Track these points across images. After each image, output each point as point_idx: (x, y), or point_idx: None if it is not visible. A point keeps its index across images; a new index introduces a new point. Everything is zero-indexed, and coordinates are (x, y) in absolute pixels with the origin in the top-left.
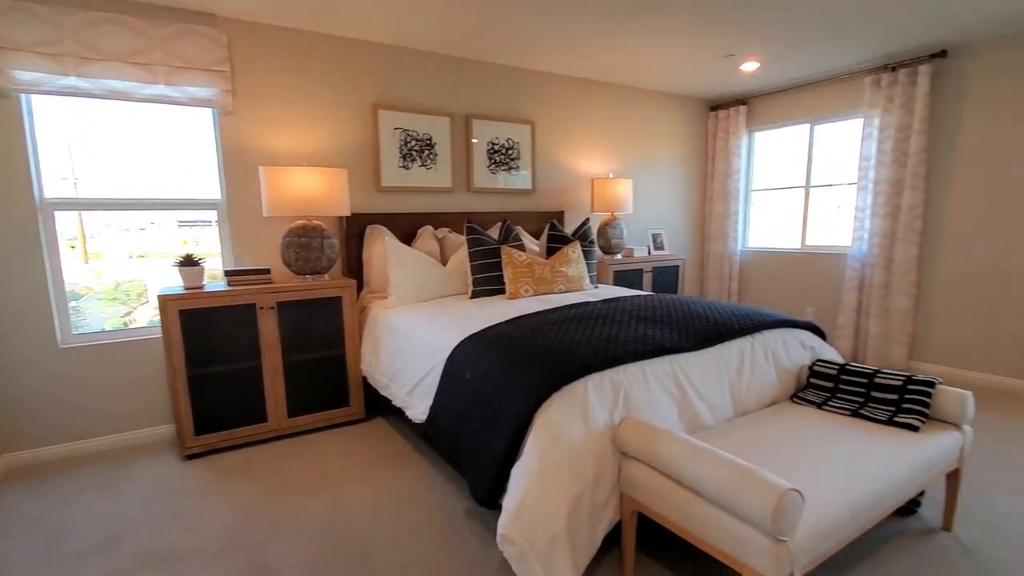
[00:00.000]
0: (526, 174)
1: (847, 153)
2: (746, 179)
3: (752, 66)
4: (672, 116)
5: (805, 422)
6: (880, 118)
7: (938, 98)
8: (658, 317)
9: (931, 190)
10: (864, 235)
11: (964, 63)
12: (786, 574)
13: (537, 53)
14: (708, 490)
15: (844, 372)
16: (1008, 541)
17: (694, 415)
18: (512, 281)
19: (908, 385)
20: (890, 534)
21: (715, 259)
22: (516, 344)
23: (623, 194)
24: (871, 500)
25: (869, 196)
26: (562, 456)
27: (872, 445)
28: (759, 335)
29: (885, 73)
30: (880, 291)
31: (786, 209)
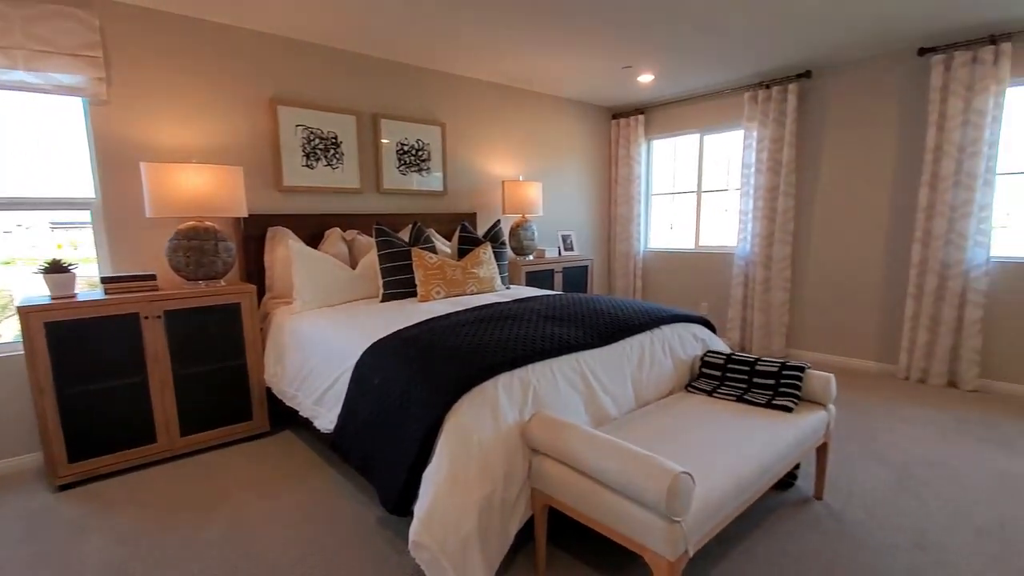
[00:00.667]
0: (437, 176)
1: (732, 161)
2: (646, 184)
3: (648, 78)
4: (578, 122)
5: (697, 409)
6: (758, 130)
7: (804, 113)
8: (565, 316)
9: (800, 196)
10: (747, 236)
11: (825, 83)
12: (681, 551)
13: (446, 55)
14: (610, 479)
15: (730, 361)
16: (867, 505)
17: (600, 408)
18: (423, 283)
19: (783, 371)
20: (772, 506)
21: (621, 259)
22: (426, 347)
23: (533, 196)
24: (754, 475)
25: (751, 201)
26: (473, 456)
27: (754, 426)
28: (657, 330)
29: (761, 90)
30: (761, 286)
31: (682, 212)
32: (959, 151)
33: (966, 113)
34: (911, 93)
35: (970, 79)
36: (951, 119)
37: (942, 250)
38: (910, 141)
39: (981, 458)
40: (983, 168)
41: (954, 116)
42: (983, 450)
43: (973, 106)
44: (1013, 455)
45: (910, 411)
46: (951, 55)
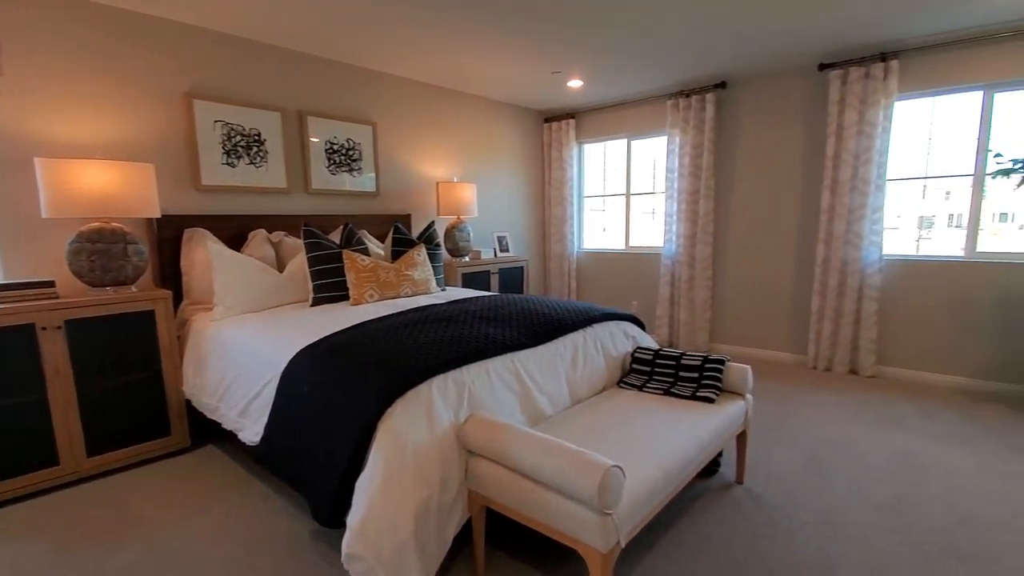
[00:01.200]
0: (370, 176)
1: (658, 165)
2: (578, 186)
3: (577, 84)
4: (511, 125)
5: (628, 404)
6: (680, 136)
7: (721, 121)
8: (501, 316)
9: (719, 199)
10: (672, 237)
11: (738, 93)
12: (613, 543)
13: (376, 53)
14: (545, 477)
15: (658, 357)
16: (782, 487)
17: (535, 407)
18: (355, 286)
19: (705, 364)
20: (698, 492)
21: (556, 259)
22: (358, 351)
23: (468, 198)
24: (680, 465)
25: (675, 203)
26: (407, 461)
27: (680, 418)
28: (590, 328)
29: (682, 99)
30: (686, 285)
31: (612, 214)
32: (855, 159)
33: (860, 124)
34: (813, 105)
35: (863, 93)
36: (847, 129)
37: (842, 249)
38: (813, 149)
39: (879, 438)
40: (875, 174)
41: (850, 126)
42: (881, 431)
43: (866, 118)
44: (906, 434)
45: (818, 397)
46: (847, 71)
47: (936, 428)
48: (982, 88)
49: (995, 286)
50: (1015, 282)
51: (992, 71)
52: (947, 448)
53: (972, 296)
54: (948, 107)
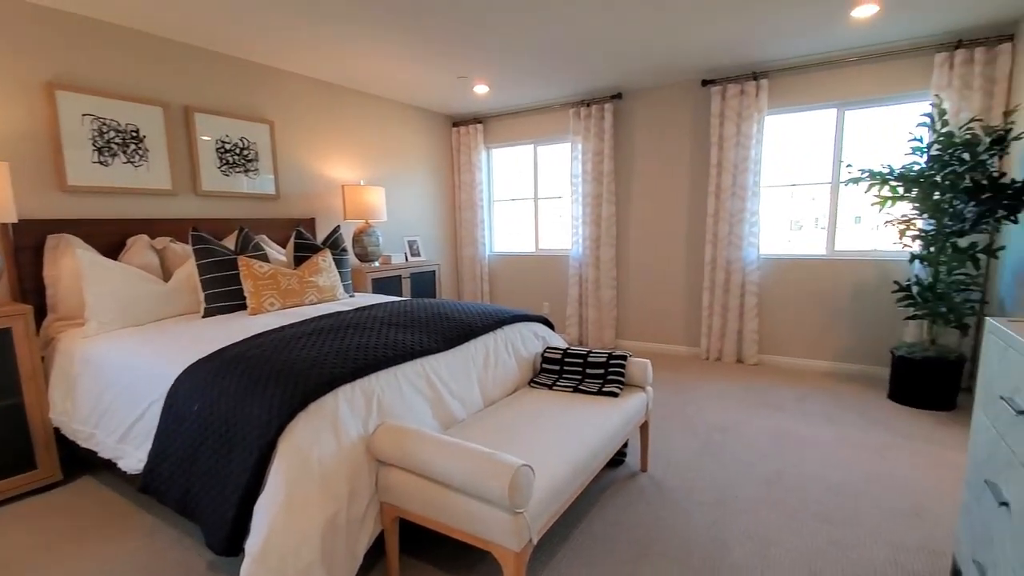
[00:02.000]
0: (268, 178)
1: (563, 171)
2: (488, 191)
3: (483, 89)
4: (420, 128)
5: (539, 403)
6: (582, 143)
7: (619, 130)
8: (410, 322)
9: (620, 203)
10: (579, 239)
11: (633, 104)
12: (526, 541)
13: (271, 49)
14: (456, 481)
15: (567, 356)
16: (681, 471)
17: (447, 412)
18: (254, 295)
19: (610, 361)
20: (607, 483)
21: (468, 263)
22: (256, 364)
23: (376, 201)
24: (588, 459)
25: (580, 207)
26: (313, 477)
27: (587, 414)
28: (501, 331)
29: (583, 107)
30: (593, 285)
31: (522, 217)
32: (734, 167)
33: (738, 136)
34: (698, 117)
35: (740, 108)
36: (727, 140)
37: (726, 249)
38: (699, 158)
39: (763, 421)
40: (751, 182)
41: (730, 138)
42: (764, 414)
43: (743, 130)
44: (785, 416)
45: (711, 386)
46: (725, 87)
47: (808, 409)
48: (836, 106)
49: (851, 280)
50: (866, 276)
51: (843, 91)
52: (817, 426)
53: (833, 289)
54: (809, 122)
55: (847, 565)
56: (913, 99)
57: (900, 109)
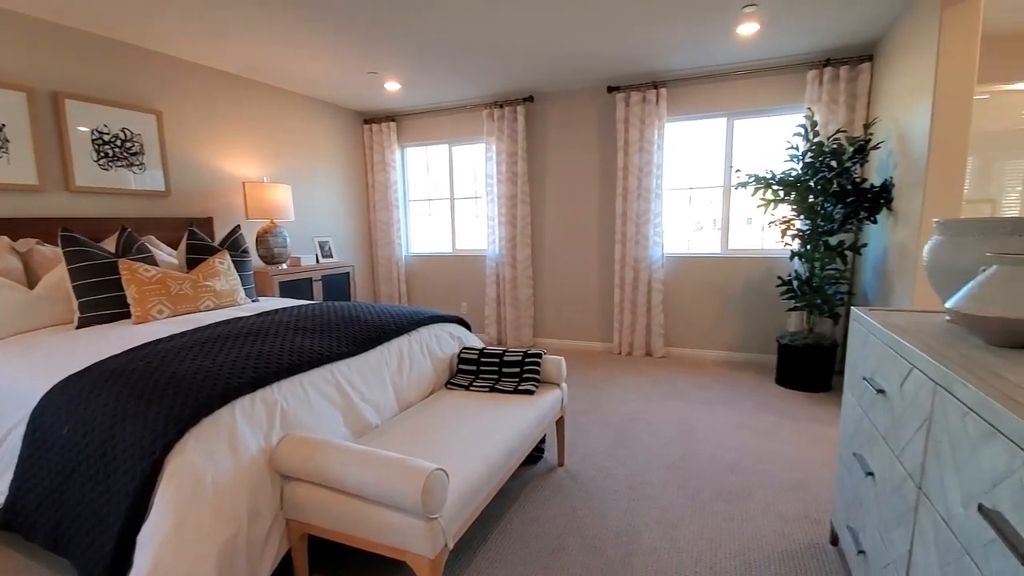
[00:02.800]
0: (156, 173)
1: (478, 171)
2: (403, 190)
3: (395, 86)
4: (330, 125)
5: (455, 404)
6: (496, 144)
7: (531, 132)
8: (318, 326)
9: (534, 203)
10: (495, 239)
11: (544, 107)
12: (441, 546)
13: (157, 32)
14: (367, 491)
15: (483, 355)
16: (596, 463)
17: (360, 418)
18: (139, 302)
19: (525, 359)
20: (525, 479)
21: (384, 264)
22: (139, 377)
23: (282, 200)
24: (503, 458)
25: (496, 207)
26: (206, 500)
27: (503, 413)
28: (415, 332)
29: (496, 108)
30: (510, 285)
31: (439, 218)
32: (639, 171)
33: (641, 141)
34: (606, 122)
35: (642, 114)
36: (632, 145)
37: (634, 249)
38: (607, 161)
39: (668, 410)
40: (655, 184)
41: (634, 143)
42: (669, 403)
43: (645, 136)
44: (687, 404)
45: (623, 379)
46: (629, 94)
47: (708, 396)
48: (726, 115)
49: (742, 276)
50: (755, 272)
51: (732, 102)
52: (716, 412)
53: (727, 285)
54: (704, 130)
55: (742, 538)
56: (791, 111)
57: (781, 119)
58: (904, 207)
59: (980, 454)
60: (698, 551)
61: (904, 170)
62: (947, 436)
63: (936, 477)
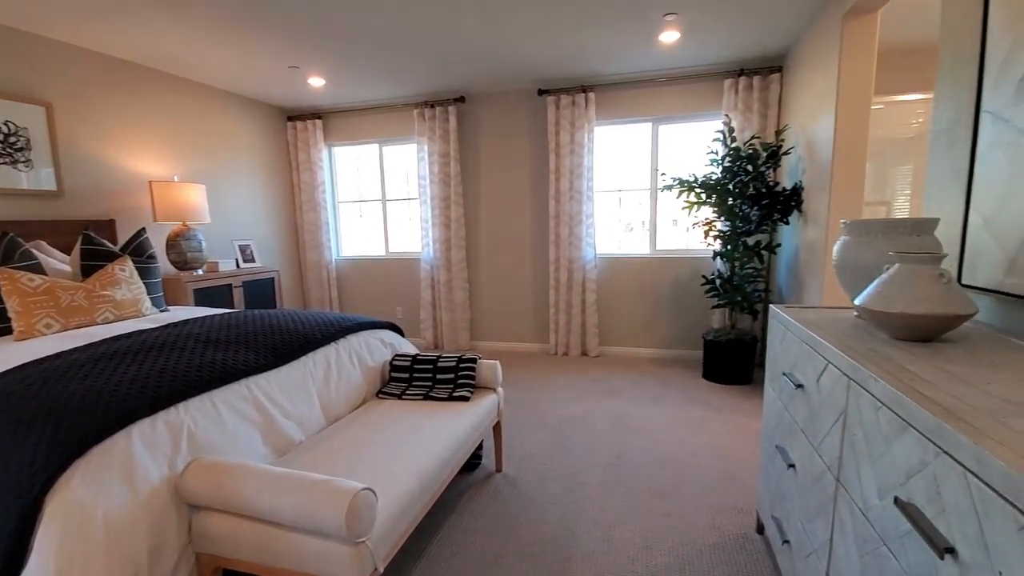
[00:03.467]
0: (47, 171)
1: (411, 172)
2: (332, 191)
3: (319, 82)
4: (249, 121)
5: (388, 414)
6: (428, 145)
7: (464, 132)
8: (234, 337)
9: (468, 205)
10: (429, 242)
11: (476, 108)
12: (370, 571)
13: (40, 13)
14: (286, 517)
15: (416, 362)
16: (535, 467)
17: (282, 436)
18: (23, 315)
19: (460, 365)
20: (463, 488)
21: (313, 268)
22: (17, 402)
23: (195, 201)
24: (437, 469)
25: (429, 209)
26: (95, 540)
27: (438, 421)
28: (343, 340)
29: (427, 108)
30: (445, 288)
31: (371, 220)
32: (571, 173)
33: (572, 144)
34: (537, 124)
35: (572, 117)
36: (563, 148)
37: (567, 250)
38: (539, 163)
39: (604, 408)
40: (586, 187)
41: (565, 146)
42: (604, 401)
43: (576, 139)
44: (621, 401)
45: (560, 380)
46: (559, 97)
47: (640, 393)
48: (651, 121)
49: (670, 275)
50: (681, 272)
51: (657, 108)
52: (648, 408)
53: (656, 284)
54: (631, 134)
55: (675, 534)
56: (711, 117)
57: (702, 125)
58: (813, 209)
59: (893, 447)
60: (635, 550)
61: (812, 174)
62: (861, 430)
63: (852, 469)
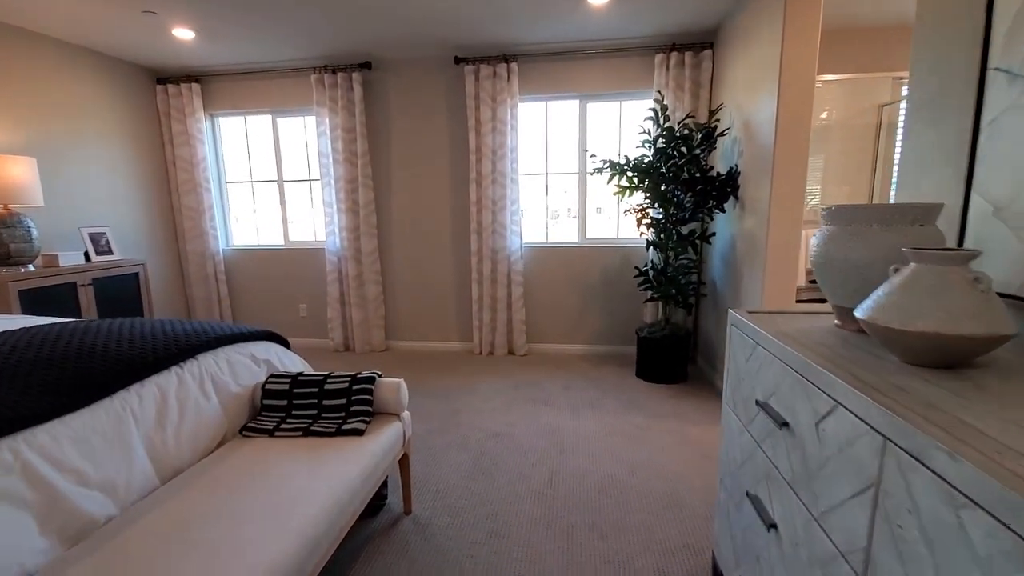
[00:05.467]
0: None
1: (312, 149)
2: (217, 169)
3: (187, 34)
4: (104, 83)
5: (252, 460)
6: (329, 117)
7: (371, 104)
8: (8, 369)
9: (379, 188)
10: (335, 229)
11: (385, 76)
12: None
13: None
14: None
15: (297, 384)
16: (452, 502)
17: (74, 515)
18: None
19: (353, 387)
20: (364, 538)
21: (196, 261)
22: None
23: (23, 178)
24: (325, 525)
25: (333, 192)
26: None
27: (324, 463)
28: (192, 362)
29: (327, 74)
30: (355, 281)
31: (267, 204)
32: (493, 153)
33: (494, 121)
34: (455, 98)
35: (494, 91)
36: (484, 125)
37: (491, 239)
38: (458, 141)
39: (533, 419)
40: (510, 169)
41: (486, 123)
42: (534, 411)
43: (498, 115)
44: (554, 411)
45: (484, 385)
46: (478, 67)
47: (574, 398)
48: (578, 97)
49: (600, 266)
50: (612, 262)
51: (584, 83)
52: (583, 417)
53: (586, 275)
54: (558, 111)
55: None
56: (642, 96)
57: (633, 104)
58: (751, 195)
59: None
60: None
61: (750, 157)
62: (918, 522)
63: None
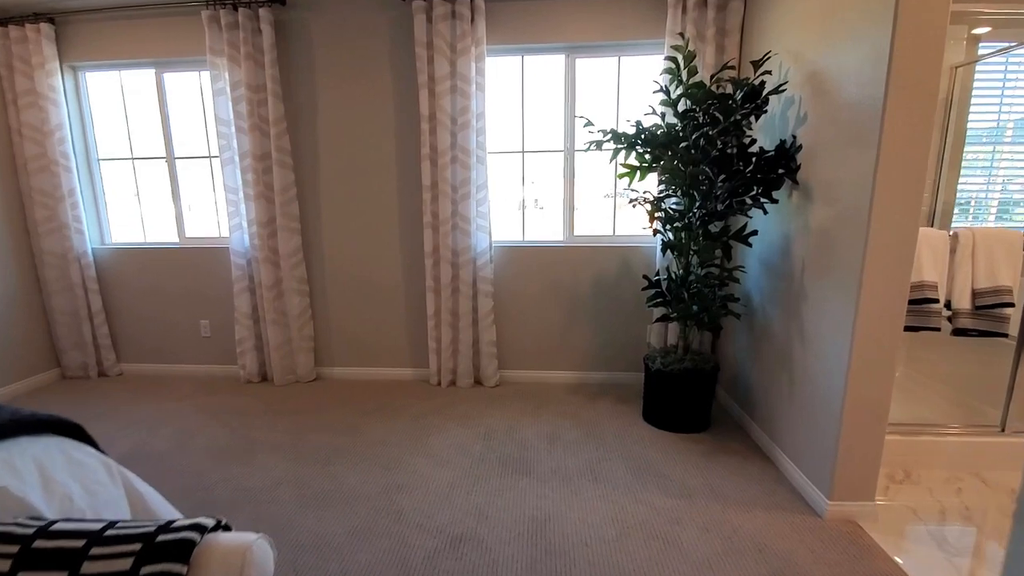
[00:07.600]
0: None
1: (209, 115)
2: (85, 141)
3: None
4: None
5: None
6: (230, 71)
7: (287, 56)
8: None
9: (300, 168)
10: (242, 223)
11: (305, 16)
12: None
13: None
14: None
15: (28, 548)
16: None
17: None
18: None
19: (146, 551)
20: None
21: (55, 265)
22: None
23: None
24: None
25: (238, 172)
26: None
27: None
28: None
29: (223, 9)
30: (272, 291)
31: (155, 188)
32: (452, 122)
33: (453, 77)
34: (401, 45)
35: (452, 38)
36: (440, 83)
37: (450, 235)
38: (408, 105)
39: (510, 504)
40: (474, 143)
41: (442, 80)
42: (511, 485)
43: (459, 70)
44: (537, 482)
45: (438, 439)
46: (431, 4)
47: (565, 459)
48: (565, 50)
49: (591, 271)
50: (607, 266)
51: (572, 31)
52: (581, 493)
53: (575, 284)
54: (537, 69)
55: None
56: (647, 49)
57: (635, 61)
58: (825, 177)
59: None
60: None
61: (823, 123)
62: None
63: None
